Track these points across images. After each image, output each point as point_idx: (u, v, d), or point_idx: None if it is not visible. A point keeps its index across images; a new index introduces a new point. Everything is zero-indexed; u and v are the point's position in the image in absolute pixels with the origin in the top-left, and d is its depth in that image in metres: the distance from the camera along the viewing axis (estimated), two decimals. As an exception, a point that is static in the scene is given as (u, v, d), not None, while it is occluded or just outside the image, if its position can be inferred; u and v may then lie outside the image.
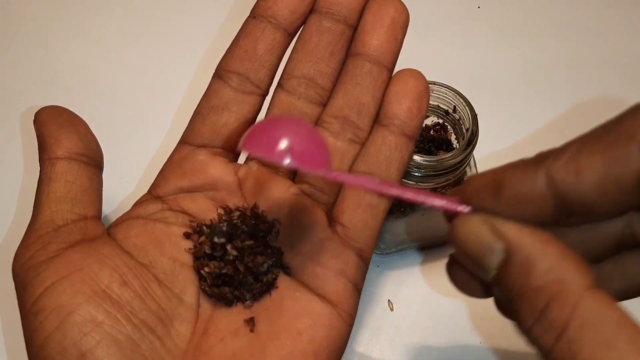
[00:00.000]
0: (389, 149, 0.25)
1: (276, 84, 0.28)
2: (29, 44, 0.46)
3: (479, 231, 0.18)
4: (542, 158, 0.18)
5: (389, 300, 0.37)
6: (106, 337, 0.21)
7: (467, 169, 0.32)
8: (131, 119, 0.43)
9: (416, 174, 0.29)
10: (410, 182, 0.30)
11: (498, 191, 0.19)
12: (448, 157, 0.29)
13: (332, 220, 0.26)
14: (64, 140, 0.25)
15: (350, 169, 0.26)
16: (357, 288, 0.26)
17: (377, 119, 0.26)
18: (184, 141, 0.28)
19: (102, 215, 0.37)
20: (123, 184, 0.39)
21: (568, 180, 0.17)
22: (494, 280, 0.18)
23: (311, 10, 0.27)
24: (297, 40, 0.27)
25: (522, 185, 0.18)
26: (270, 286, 0.25)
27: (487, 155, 0.36)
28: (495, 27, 0.48)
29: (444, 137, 0.34)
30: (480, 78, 0.45)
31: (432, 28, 0.48)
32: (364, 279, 0.26)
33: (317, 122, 0.27)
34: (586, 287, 0.17)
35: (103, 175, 0.27)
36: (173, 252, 0.25)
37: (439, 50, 0.46)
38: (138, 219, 0.26)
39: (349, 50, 0.27)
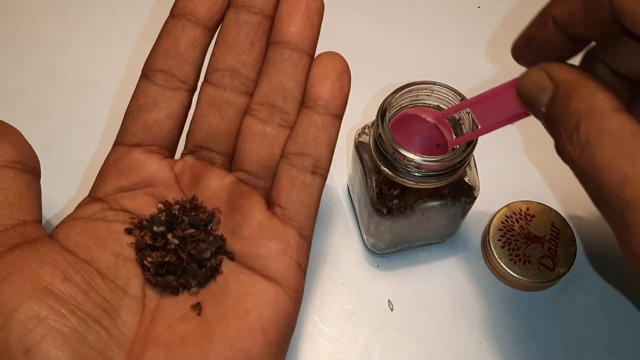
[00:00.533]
0: (317, 129, 0.26)
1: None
2: (29, 44, 0.46)
3: (536, 77, 0.23)
4: (547, 5, 0.23)
5: (389, 300, 0.37)
6: (51, 331, 0.22)
7: (467, 169, 0.32)
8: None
9: (416, 174, 0.29)
10: (410, 182, 0.30)
11: (529, 44, 0.24)
12: (448, 157, 0.29)
13: (270, 203, 0.27)
14: None
15: (283, 150, 0.27)
16: (301, 266, 0.26)
17: (303, 102, 0.27)
18: (118, 142, 0.28)
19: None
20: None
21: (563, 17, 0.22)
22: (544, 118, 0.22)
23: (228, 6, 0.28)
24: (217, 35, 0.28)
25: (541, 32, 0.23)
26: (214, 272, 0.26)
27: (487, 155, 0.36)
28: (495, 27, 0.48)
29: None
30: (480, 78, 0.45)
31: (432, 28, 0.48)
32: (307, 257, 0.27)
33: (246, 110, 0.28)
34: (612, 109, 0.20)
35: (45, 181, 0.27)
36: (115, 248, 0.25)
37: (439, 50, 0.46)
38: (79, 219, 0.26)
39: (269, 40, 0.28)
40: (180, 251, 0.26)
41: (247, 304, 0.25)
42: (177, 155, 0.30)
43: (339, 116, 0.27)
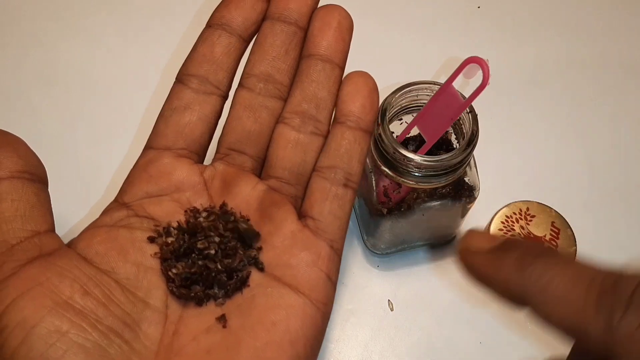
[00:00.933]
0: (349, 143, 0.27)
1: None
2: (29, 44, 0.46)
3: None
4: None
5: (389, 300, 0.37)
6: (73, 346, 0.21)
7: (467, 169, 0.32)
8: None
9: (416, 174, 0.29)
10: (410, 182, 0.30)
11: None
12: (448, 157, 0.29)
13: (301, 215, 0.27)
14: (3, 161, 0.24)
15: (315, 164, 0.28)
16: (331, 279, 0.26)
17: (335, 118, 0.28)
18: (149, 146, 0.28)
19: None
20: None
21: None
22: None
23: (263, 19, 0.29)
24: (253, 43, 0.29)
25: None
26: (243, 283, 0.25)
27: (487, 155, 0.36)
28: (495, 27, 0.48)
29: (444, 137, 0.34)
30: (479, 78, 0.45)
31: (432, 28, 0.48)
32: (337, 270, 0.27)
33: (279, 118, 0.28)
34: None
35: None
36: (137, 257, 0.25)
37: (439, 50, 0.46)
38: (103, 227, 0.26)
39: (302, 53, 0.29)
40: (209, 261, 0.25)
41: (274, 316, 0.24)
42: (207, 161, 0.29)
43: (369, 132, 0.28)
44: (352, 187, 0.27)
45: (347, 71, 0.29)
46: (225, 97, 0.29)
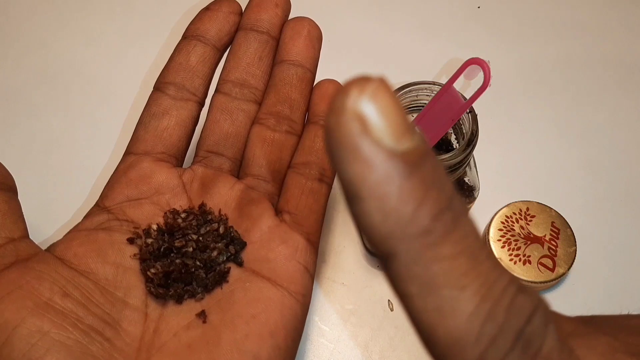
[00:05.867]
0: (322, 140, 0.28)
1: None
2: (29, 44, 0.46)
3: None
4: None
5: (389, 300, 0.37)
6: (55, 344, 0.22)
7: (467, 169, 0.32)
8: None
9: (416, 174, 0.29)
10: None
11: None
12: (448, 157, 0.29)
13: (278, 210, 0.28)
14: None
15: (291, 160, 0.29)
16: (309, 271, 0.27)
17: (308, 119, 0.29)
18: (128, 151, 0.29)
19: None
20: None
21: None
22: None
23: (236, 30, 0.30)
24: (228, 52, 0.30)
25: None
26: (222, 277, 0.26)
27: (487, 155, 0.36)
28: (495, 27, 0.48)
29: (444, 137, 0.34)
30: (479, 78, 0.45)
31: (432, 28, 0.48)
32: (315, 262, 0.28)
33: (255, 120, 0.30)
34: None
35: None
36: (116, 258, 0.25)
37: (439, 50, 0.46)
38: (83, 231, 0.26)
39: (274, 60, 0.30)
40: (186, 258, 0.26)
41: (253, 309, 0.25)
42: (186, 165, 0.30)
43: None
44: (326, 182, 0.28)
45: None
46: (202, 104, 0.30)
